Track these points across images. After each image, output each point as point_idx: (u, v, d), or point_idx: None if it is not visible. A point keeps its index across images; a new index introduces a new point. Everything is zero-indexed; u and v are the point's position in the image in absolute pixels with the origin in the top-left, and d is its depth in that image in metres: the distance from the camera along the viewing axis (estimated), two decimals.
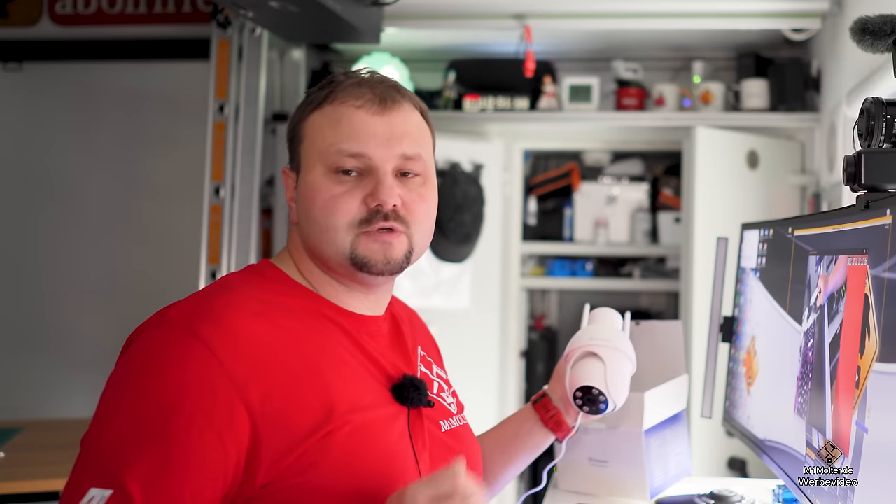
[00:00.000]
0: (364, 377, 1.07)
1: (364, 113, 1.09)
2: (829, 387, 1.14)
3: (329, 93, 1.11)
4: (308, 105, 1.13)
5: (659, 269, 3.61)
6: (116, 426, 0.95)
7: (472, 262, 3.34)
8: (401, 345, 1.19)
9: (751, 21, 2.94)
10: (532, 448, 1.38)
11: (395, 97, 1.12)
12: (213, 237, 2.88)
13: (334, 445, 0.99)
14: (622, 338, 1.37)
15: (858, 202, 1.09)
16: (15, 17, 3.46)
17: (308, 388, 1.00)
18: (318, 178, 1.09)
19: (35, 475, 2.16)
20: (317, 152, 1.10)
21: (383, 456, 1.03)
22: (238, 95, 2.90)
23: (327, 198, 1.08)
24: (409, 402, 1.09)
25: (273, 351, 1.00)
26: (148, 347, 0.99)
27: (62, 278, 3.43)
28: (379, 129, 1.09)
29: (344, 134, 1.08)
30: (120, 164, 3.43)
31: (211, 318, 0.99)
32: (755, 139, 3.16)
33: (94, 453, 0.96)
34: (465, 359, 3.28)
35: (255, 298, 1.05)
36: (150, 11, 3.41)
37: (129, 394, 0.96)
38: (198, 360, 0.96)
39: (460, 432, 1.20)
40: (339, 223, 1.08)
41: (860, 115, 1.11)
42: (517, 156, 3.59)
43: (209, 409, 0.94)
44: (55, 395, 3.35)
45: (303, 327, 1.05)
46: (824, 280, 1.21)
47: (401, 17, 2.94)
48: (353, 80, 1.12)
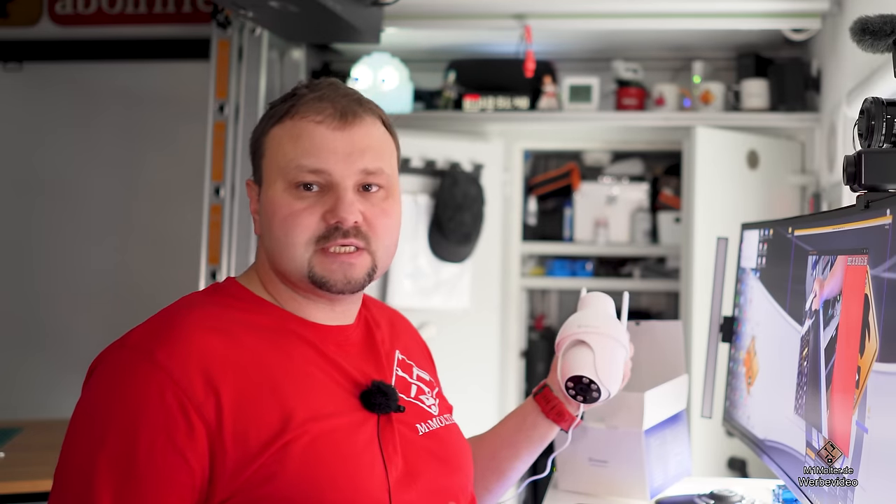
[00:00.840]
0: (328, 386, 1.07)
1: (324, 129, 1.09)
2: (829, 387, 1.14)
3: (290, 107, 1.11)
4: (270, 119, 1.13)
5: (659, 269, 3.61)
6: (81, 456, 0.97)
7: (472, 262, 3.34)
8: (373, 351, 1.18)
9: (751, 21, 2.95)
10: (537, 440, 1.38)
11: (356, 111, 1.11)
12: (213, 237, 2.88)
13: (292, 455, 0.99)
14: (612, 322, 1.34)
15: (858, 202, 1.09)
16: (15, 17, 3.46)
17: (266, 402, 1.01)
18: (279, 194, 1.09)
19: (35, 475, 2.15)
20: (277, 168, 1.09)
21: (347, 463, 1.03)
22: (238, 95, 2.90)
23: (287, 214, 1.08)
24: (376, 408, 1.09)
25: (229, 366, 1.01)
26: (108, 375, 1.01)
27: (62, 278, 3.43)
28: (339, 144, 1.08)
29: (304, 150, 1.08)
30: (120, 163, 3.43)
31: (168, 340, 1.00)
32: (755, 139, 3.16)
33: (63, 485, 0.98)
34: (465, 358, 3.28)
35: (214, 315, 1.06)
36: (150, 11, 3.41)
37: (91, 423, 0.99)
38: (154, 383, 0.97)
39: (441, 434, 1.19)
40: (298, 240, 1.08)
41: (860, 115, 1.11)
42: (517, 156, 3.59)
43: (170, 431, 0.96)
44: (55, 395, 3.34)
45: (264, 342, 1.06)
46: (824, 280, 1.21)
47: (401, 17, 2.94)
48: (314, 93, 1.11)
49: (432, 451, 1.15)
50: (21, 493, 2.11)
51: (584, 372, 1.28)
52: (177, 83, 3.39)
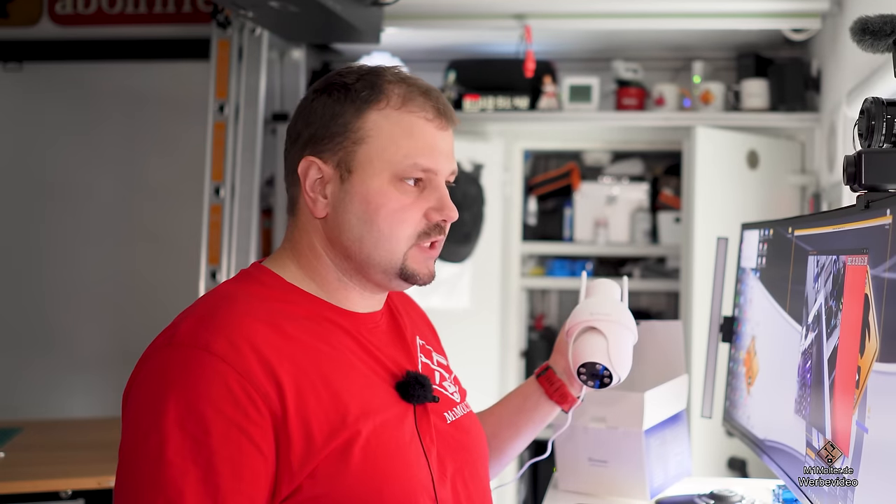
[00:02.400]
0: (371, 378, 1.07)
1: (433, 128, 1.11)
2: (829, 387, 1.14)
3: (395, 95, 1.09)
4: (359, 101, 1.09)
5: (659, 269, 3.61)
6: (150, 450, 0.93)
7: (472, 261, 3.34)
8: (400, 338, 1.19)
9: (751, 21, 2.94)
10: (539, 421, 1.40)
11: (450, 114, 1.13)
12: (213, 237, 2.88)
13: (353, 456, 0.99)
14: (622, 310, 1.37)
15: (858, 202, 1.09)
16: (15, 17, 3.46)
17: (321, 394, 1.00)
18: (385, 186, 1.08)
19: (35, 475, 2.16)
20: (386, 160, 1.08)
21: (399, 458, 1.04)
22: (238, 95, 2.90)
23: (396, 207, 1.08)
24: (414, 399, 1.09)
25: (284, 357, 1.00)
26: (163, 372, 0.98)
27: (62, 278, 3.43)
28: (443, 145, 1.12)
29: (419, 148, 1.09)
30: (120, 163, 3.43)
31: (222, 332, 0.98)
32: (755, 139, 3.16)
33: (132, 479, 0.94)
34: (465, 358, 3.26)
35: (258, 307, 1.05)
36: (150, 11, 3.41)
37: (157, 415, 0.94)
38: (217, 374, 0.95)
39: (465, 422, 1.20)
40: (403, 234, 1.09)
41: (860, 115, 1.11)
42: (517, 156, 3.59)
43: (240, 420, 0.94)
44: (55, 395, 3.35)
45: (307, 333, 1.05)
46: (824, 280, 1.21)
47: (401, 17, 2.94)
48: (412, 85, 1.11)
49: (459, 440, 1.16)
50: (21, 493, 2.11)
51: (597, 359, 1.31)
52: (177, 83, 3.39)
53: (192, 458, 0.92)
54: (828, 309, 1.18)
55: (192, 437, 0.93)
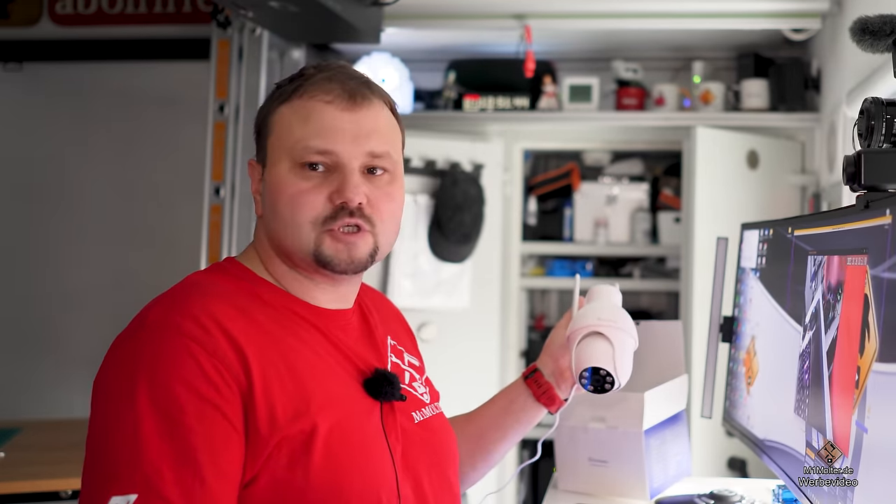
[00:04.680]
0: (337, 372, 1.08)
1: (333, 109, 1.08)
2: (829, 387, 1.14)
3: (298, 86, 1.10)
4: (277, 98, 1.12)
5: (659, 269, 3.61)
6: (125, 430, 0.93)
7: (472, 262, 3.34)
8: (370, 337, 1.19)
9: (751, 21, 2.95)
10: (525, 422, 1.40)
11: (364, 93, 1.10)
12: (213, 237, 2.88)
13: (315, 446, 0.99)
14: (625, 316, 1.37)
15: (858, 202, 1.09)
16: (15, 17, 3.46)
17: (285, 378, 1.01)
18: (285, 173, 1.08)
19: (35, 475, 2.16)
20: (284, 147, 1.09)
21: (362, 453, 1.04)
22: (238, 95, 2.90)
23: (293, 193, 1.07)
24: (382, 396, 1.09)
25: (251, 338, 1.01)
26: (137, 350, 0.98)
27: (62, 278, 3.43)
28: (347, 125, 1.08)
29: (312, 130, 1.07)
30: (120, 163, 3.43)
31: (190, 312, 1.00)
32: (755, 139, 3.16)
33: (106, 461, 0.94)
34: (465, 358, 3.28)
35: (227, 294, 1.06)
36: (150, 11, 3.41)
37: (130, 396, 0.95)
38: (188, 353, 0.96)
39: (433, 423, 1.20)
40: (304, 219, 1.07)
41: (860, 115, 1.11)
42: (517, 156, 3.59)
43: (213, 397, 0.95)
44: (55, 395, 3.34)
45: (275, 323, 1.06)
46: (824, 280, 1.21)
47: (401, 17, 2.94)
48: (323, 73, 1.11)
49: (426, 440, 1.16)
50: (21, 493, 2.11)
51: (604, 365, 1.31)
52: (177, 83, 3.39)
53: (169, 436, 0.93)
54: (826, 309, 1.18)
55: (167, 415, 0.93)
